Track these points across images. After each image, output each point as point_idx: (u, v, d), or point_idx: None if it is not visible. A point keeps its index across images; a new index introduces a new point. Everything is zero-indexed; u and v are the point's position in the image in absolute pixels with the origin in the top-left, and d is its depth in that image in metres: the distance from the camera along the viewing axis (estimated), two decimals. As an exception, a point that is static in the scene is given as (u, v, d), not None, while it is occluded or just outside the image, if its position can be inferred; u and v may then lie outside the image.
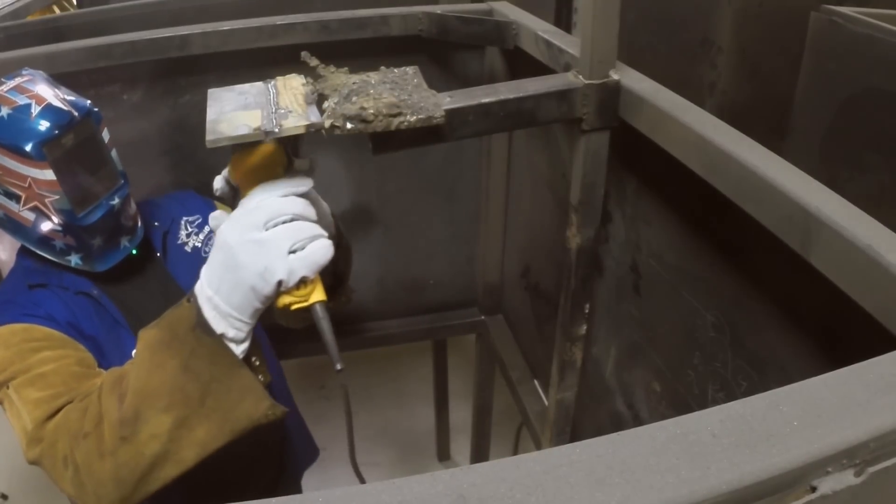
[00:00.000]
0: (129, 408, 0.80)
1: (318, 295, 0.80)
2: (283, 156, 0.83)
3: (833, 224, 0.68)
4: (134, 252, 1.10)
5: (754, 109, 2.09)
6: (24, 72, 1.02)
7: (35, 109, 0.95)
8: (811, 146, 1.65)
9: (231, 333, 0.79)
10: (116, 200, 1.04)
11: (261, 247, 0.76)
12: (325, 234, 0.80)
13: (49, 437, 0.88)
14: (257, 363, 0.90)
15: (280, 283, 0.77)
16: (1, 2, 1.93)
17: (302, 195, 0.80)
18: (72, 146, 0.98)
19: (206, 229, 1.23)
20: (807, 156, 1.64)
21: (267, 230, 0.76)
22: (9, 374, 0.93)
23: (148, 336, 0.83)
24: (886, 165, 1.44)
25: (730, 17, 2.09)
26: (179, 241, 1.20)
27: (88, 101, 1.02)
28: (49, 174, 0.95)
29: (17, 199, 0.98)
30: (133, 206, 1.10)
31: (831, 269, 0.70)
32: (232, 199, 0.88)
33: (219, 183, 0.88)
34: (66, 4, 2.33)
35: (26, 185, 0.96)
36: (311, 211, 0.80)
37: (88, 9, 1.89)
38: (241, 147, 0.82)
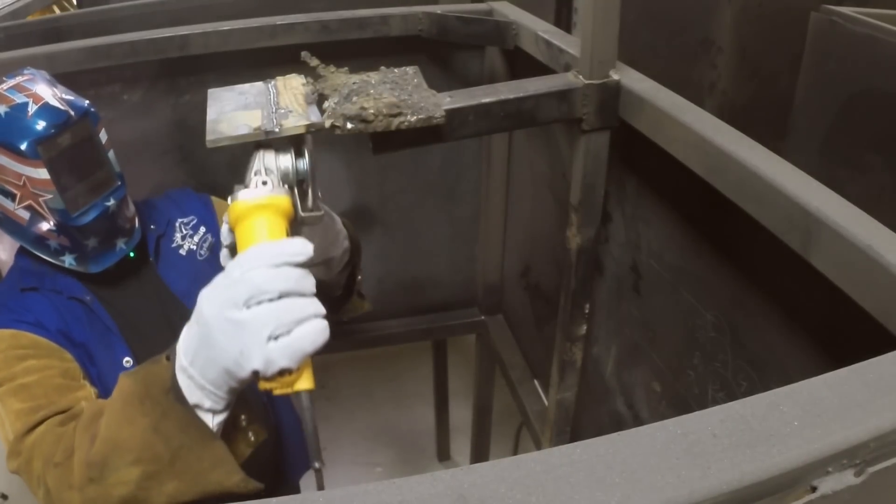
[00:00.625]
0: (97, 454, 0.78)
1: (304, 383, 0.71)
2: (289, 207, 0.75)
3: (833, 224, 0.68)
4: (131, 255, 1.09)
5: (754, 109, 2.09)
6: (25, 71, 1.02)
7: (32, 108, 0.95)
8: (811, 146, 1.65)
9: (207, 405, 0.74)
10: (112, 202, 1.03)
11: (237, 329, 0.67)
12: (320, 312, 0.70)
13: (25, 454, 0.87)
14: (245, 423, 0.85)
15: (257, 371, 0.68)
16: (1, 2, 1.93)
17: (299, 265, 0.70)
18: (68, 146, 0.97)
19: (202, 230, 1.21)
20: (807, 156, 1.64)
21: (248, 308, 0.67)
22: None
23: (124, 385, 0.79)
24: (886, 165, 1.44)
25: (730, 17, 2.09)
26: (174, 245, 1.18)
27: (87, 102, 1.01)
28: (43, 173, 0.95)
29: (12, 197, 0.97)
30: (131, 208, 1.09)
31: (831, 269, 0.70)
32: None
33: (227, 240, 0.81)
34: (66, 4, 2.33)
35: (21, 184, 0.96)
36: (306, 283, 0.70)
37: (88, 9, 1.89)
38: (243, 195, 0.74)
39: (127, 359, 1.04)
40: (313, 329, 0.68)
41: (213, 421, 0.75)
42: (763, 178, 0.77)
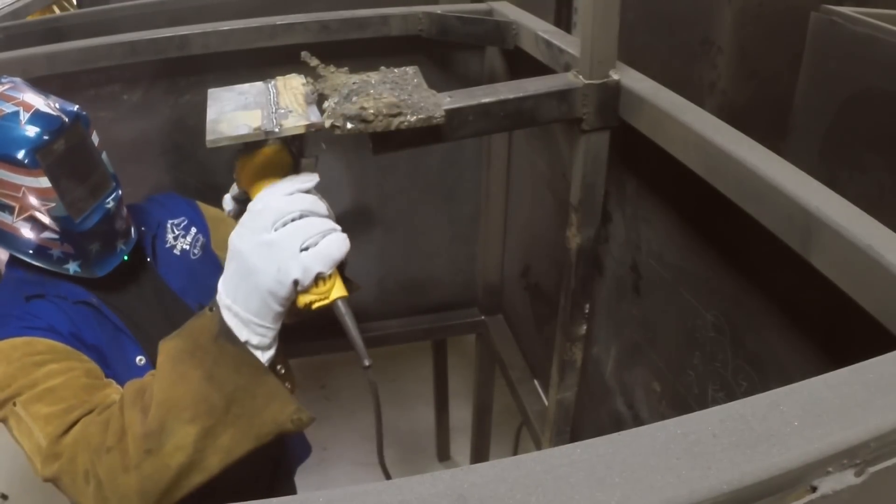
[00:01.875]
0: (153, 420, 0.79)
1: (338, 291, 0.79)
2: (288, 155, 0.83)
3: (833, 224, 0.68)
4: (126, 258, 1.08)
5: (754, 109, 2.09)
6: (3, 79, 0.99)
7: (24, 116, 0.93)
8: (811, 146, 1.65)
9: (255, 340, 0.78)
10: (111, 203, 1.02)
11: (271, 248, 0.74)
12: (338, 227, 0.79)
13: (68, 453, 0.86)
14: (283, 371, 0.89)
15: (296, 282, 0.75)
16: (1, 2, 1.93)
17: (309, 191, 0.79)
18: (63, 152, 0.96)
19: (193, 231, 1.21)
20: (807, 156, 1.64)
21: (276, 231, 0.75)
22: (13, 390, 0.91)
23: (169, 347, 0.82)
24: (886, 165, 1.44)
25: (730, 17, 2.09)
26: (167, 245, 1.18)
27: (76, 106, 1.00)
28: (44, 181, 0.93)
29: (9, 210, 0.95)
30: (125, 209, 1.09)
31: (831, 269, 0.70)
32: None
33: (229, 205, 0.88)
34: (66, 4, 2.33)
35: (20, 195, 0.94)
36: (320, 206, 0.79)
37: (88, 9, 1.89)
38: (245, 150, 0.82)
39: (140, 357, 1.04)
40: (337, 238, 0.77)
41: (263, 357, 0.80)
42: (763, 177, 0.77)
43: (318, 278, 0.77)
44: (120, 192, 1.05)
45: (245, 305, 0.77)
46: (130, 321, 1.07)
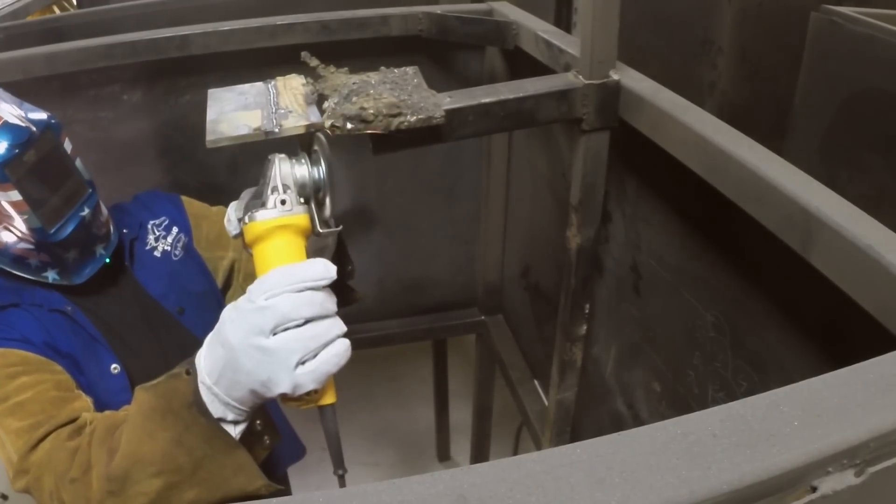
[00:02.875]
0: (117, 468, 0.78)
1: (328, 398, 0.75)
2: (307, 224, 0.77)
3: (833, 224, 0.68)
4: (107, 261, 1.07)
5: (754, 109, 2.09)
6: None
7: None
8: (811, 146, 1.65)
9: (230, 417, 0.76)
10: (86, 211, 1.01)
11: (266, 356, 0.69)
12: (343, 331, 0.72)
13: (34, 472, 0.86)
14: (260, 427, 0.87)
15: (284, 393, 0.72)
16: (1, 2, 1.93)
17: (321, 288, 0.72)
18: (34, 163, 0.93)
19: (174, 230, 1.19)
20: (807, 156, 1.64)
21: (274, 335, 0.69)
22: None
23: (142, 399, 0.80)
24: (886, 165, 1.45)
25: (730, 17, 2.09)
26: (148, 247, 1.16)
27: (46, 114, 0.98)
28: (14, 195, 0.91)
29: None
30: (104, 213, 1.07)
31: (831, 269, 0.70)
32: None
33: (233, 217, 0.83)
34: (66, 4, 2.33)
35: None
36: (330, 305, 0.72)
37: (88, 9, 1.89)
38: (259, 216, 0.75)
39: (114, 366, 1.02)
40: (337, 351, 0.71)
41: (234, 431, 0.77)
42: (763, 177, 0.77)
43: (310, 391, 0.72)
44: (97, 198, 1.03)
45: (227, 392, 0.73)
46: (107, 327, 1.05)
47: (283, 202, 0.76)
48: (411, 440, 2.77)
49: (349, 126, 0.81)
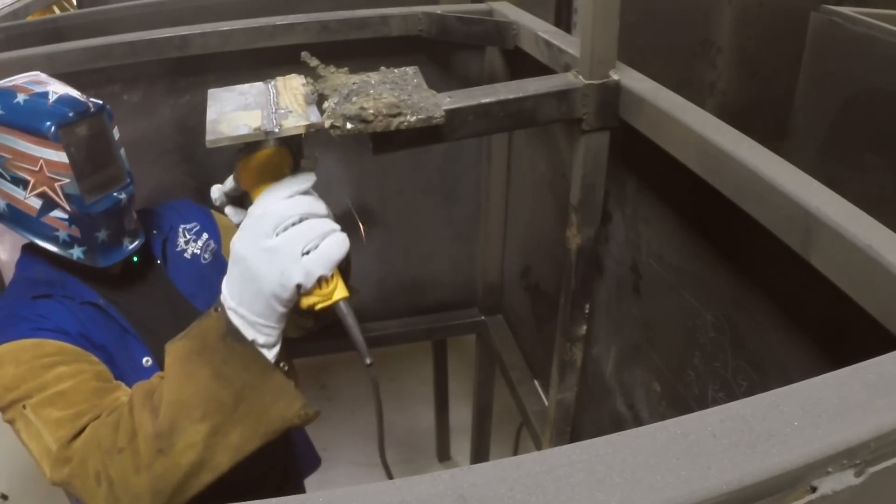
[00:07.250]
0: (164, 420, 0.80)
1: (340, 292, 0.81)
2: (288, 156, 0.83)
3: (833, 224, 0.68)
4: (135, 259, 1.10)
5: (754, 109, 2.09)
6: (33, 74, 1.05)
7: (53, 96, 0.98)
8: (811, 146, 1.65)
9: (261, 339, 0.80)
10: (123, 196, 1.05)
11: (273, 254, 0.76)
12: (337, 227, 0.80)
13: (78, 456, 0.86)
14: (286, 368, 0.90)
15: (299, 286, 0.77)
16: (1, 2, 1.93)
17: (307, 192, 0.81)
18: (85, 136, 1.00)
19: (205, 236, 1.23)
20: (807, 156, 1.64)
21: (277, 235, 0.76)
22: (22, 392, 0.91)
23: (176, 348, 0.83)
24: (886, 165, 1.45)
25: (730, 17, 2.10)
26: (178, 249, 1.20)
27: (101, 101, 1.05)
28: (62, 156, 0.96)
29: (24, 184, 0.97)
30: (134, 213, 1.10)
31: (831, 269, 0.70)
32: (235, 207, 0.89)
33: (216, 193, 0.89)
34: (66, 4, 2.33)
35: (37, 169, 0.96)
36: (319, 206, 0.80)
37: (88, 9, 1.89)
38: (244, 151, 0.82)
39: (146, 359, 1.04)
40: (336, 240, 0.79)
41: (269, 354, 0.81)
42: (763, 178, 0.77)
43: (321, 280, 0.78)
44: (133, 189, 1.07)
45: (250, 308, 0.78)
46: (138, 322, 1.07)
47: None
48: (411, 440, 2.77)
49: (349, 126, 0.81)
